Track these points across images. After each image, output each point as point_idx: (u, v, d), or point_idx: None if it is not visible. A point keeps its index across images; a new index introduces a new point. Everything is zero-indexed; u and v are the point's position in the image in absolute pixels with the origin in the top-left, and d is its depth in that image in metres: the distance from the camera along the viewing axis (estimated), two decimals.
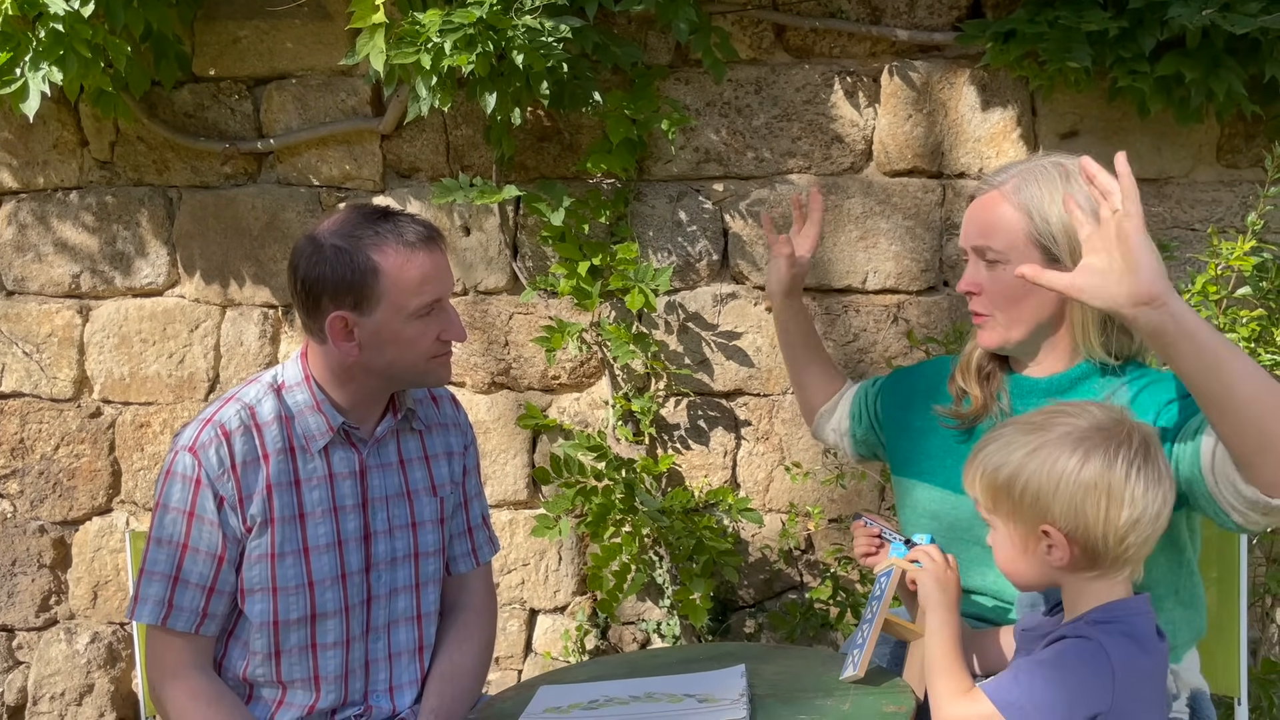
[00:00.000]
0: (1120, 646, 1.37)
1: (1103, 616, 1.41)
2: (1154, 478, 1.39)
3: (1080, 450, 1.39)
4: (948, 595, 1.51)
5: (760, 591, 3.04)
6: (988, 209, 1.69)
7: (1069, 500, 1.38)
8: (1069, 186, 1.64)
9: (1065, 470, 1.38)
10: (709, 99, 2.94)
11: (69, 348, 3.20)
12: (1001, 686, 1.41)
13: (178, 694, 1.71)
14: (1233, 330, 2.40)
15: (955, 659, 1.46)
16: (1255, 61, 2.56)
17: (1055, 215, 1.64)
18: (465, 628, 1.94)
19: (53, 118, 3.12)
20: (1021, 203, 1.66)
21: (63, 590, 3.26)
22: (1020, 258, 1.65)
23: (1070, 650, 1.39)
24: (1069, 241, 1.62)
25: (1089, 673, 1.36)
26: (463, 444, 1.97)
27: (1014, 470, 1.41)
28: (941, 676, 1.45)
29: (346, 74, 3.04)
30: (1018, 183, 1.68)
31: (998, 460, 1.43)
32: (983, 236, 1.69)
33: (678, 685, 1.58)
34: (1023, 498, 1.40)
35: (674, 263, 2.97)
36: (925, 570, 1.54)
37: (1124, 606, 1.42)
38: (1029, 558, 1.44)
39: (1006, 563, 1.47)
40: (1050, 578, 1.45)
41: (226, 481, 1.71)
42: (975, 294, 1.71)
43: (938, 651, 1.47)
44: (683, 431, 3.03)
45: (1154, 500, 1.39)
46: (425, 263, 1.71)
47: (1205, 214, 2.78)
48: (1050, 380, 1.71)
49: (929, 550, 1.57)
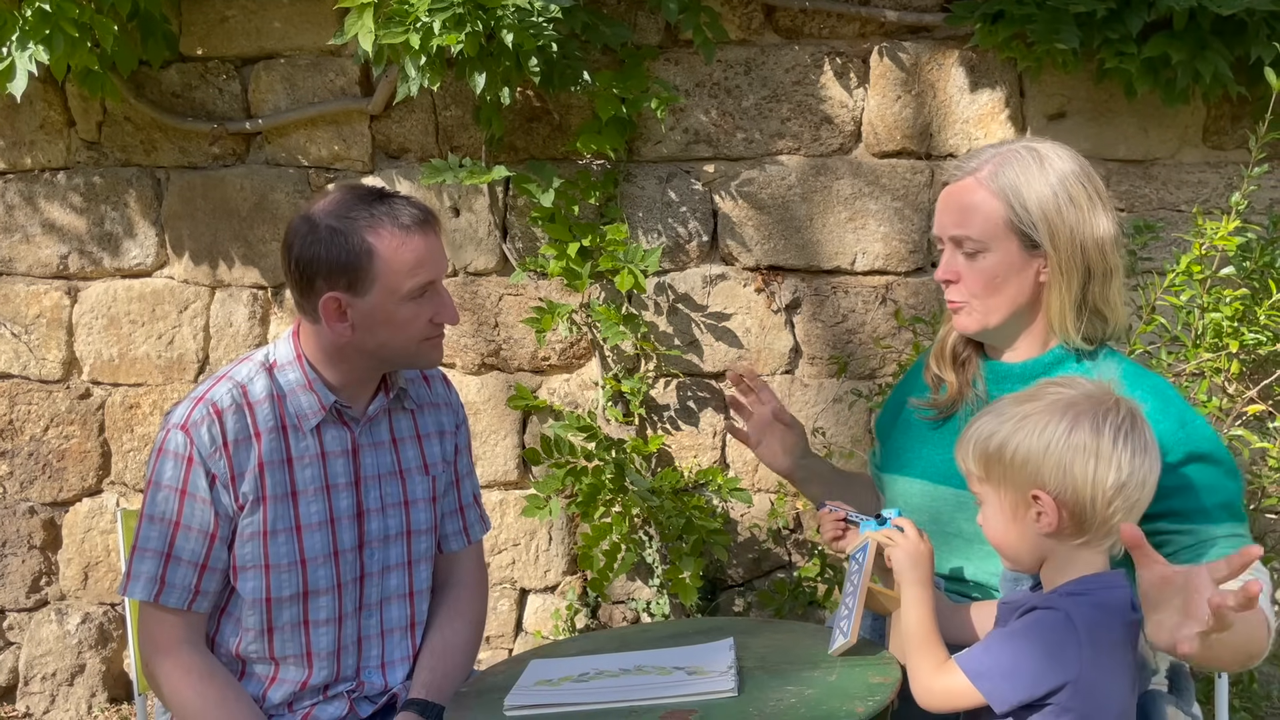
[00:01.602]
0: (1088, 617, 1.39)
1: (1075, 589, 1.44)
2: (1140, 446, 1.43)
3: (1069, 415, 1.43)
4: (920, 569, 1.53)
5: (749, 570, 3.06)
6: (963, 196, 1.68)
7: (1058, 462, 1.41)
8: (1044, 173, 1.64)
9: (1055, 434, 1.42)
10: (698, 79, 2.94)
11: (58, 329, 3.19)
12: (972, 657, 1.44)
13: (170, 670, 1.72)
14: (1216, 310, 2.42)
15: (931, 633, 1.48)
16: (1241, 43, 2.58)
17: (1033, 201, 1.63)
18: (457, 604, 1.95)
19: (39, 98, 3.11)
20: (999, 189, 1.64)
21: (53, 571, 3.26)
22: (999, 245, 1.65)
23: (1038, 621, 1.42)
24: (1048, 227, 1.63)
25: (1056, 642, 1.39)
26: (454, 423, 1.98)
27: (1005, 436, 1.44)
28: (918, 650, 1.48)
29: (335, 54, 3.03)
30: (993, 169, 1.66)
31: (990, 429, 1.47)
32: (960, 226, 1.67)
33: (667, 658, 1.59)
34: (1013, 462, 1.43)
35: (663, 244, 2.97)
36: (898, 545, 1.56)
37: (1097, 580, 1.44)
38: (1019, 527, 1.46)
39: (996, 535, 1.49)
40: (1038, 548, 1.47)
41: (218, 459, 1.71)
42: (953, 282, 1.70)
43: (914, 626, 1.49)
44: (672, 412, 3.04)
45: (1140, 466, 1.42)
46: (420, 246, 1.71)
47: (1191, 195, 2.80)
48: (1025, 365, 1.72)
49: (902, 524, 1.59)
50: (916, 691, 1.47)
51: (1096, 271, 1.66)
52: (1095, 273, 1.66)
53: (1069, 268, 1.64)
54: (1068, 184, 1.64)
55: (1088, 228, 1.63)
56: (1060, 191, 1.63)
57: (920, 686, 1.47)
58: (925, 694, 1.46)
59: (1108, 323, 1.69)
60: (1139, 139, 2.81)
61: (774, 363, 2.99)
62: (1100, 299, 1.67)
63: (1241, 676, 2.62)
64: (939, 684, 1.45)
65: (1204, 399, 2.41)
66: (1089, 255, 1.64)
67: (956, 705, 1.45)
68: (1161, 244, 2.71)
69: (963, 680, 1.42)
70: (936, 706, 1.46)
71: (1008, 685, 1.39)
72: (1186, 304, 2.45)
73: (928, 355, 1.86)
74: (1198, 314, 2.46)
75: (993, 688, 1.40)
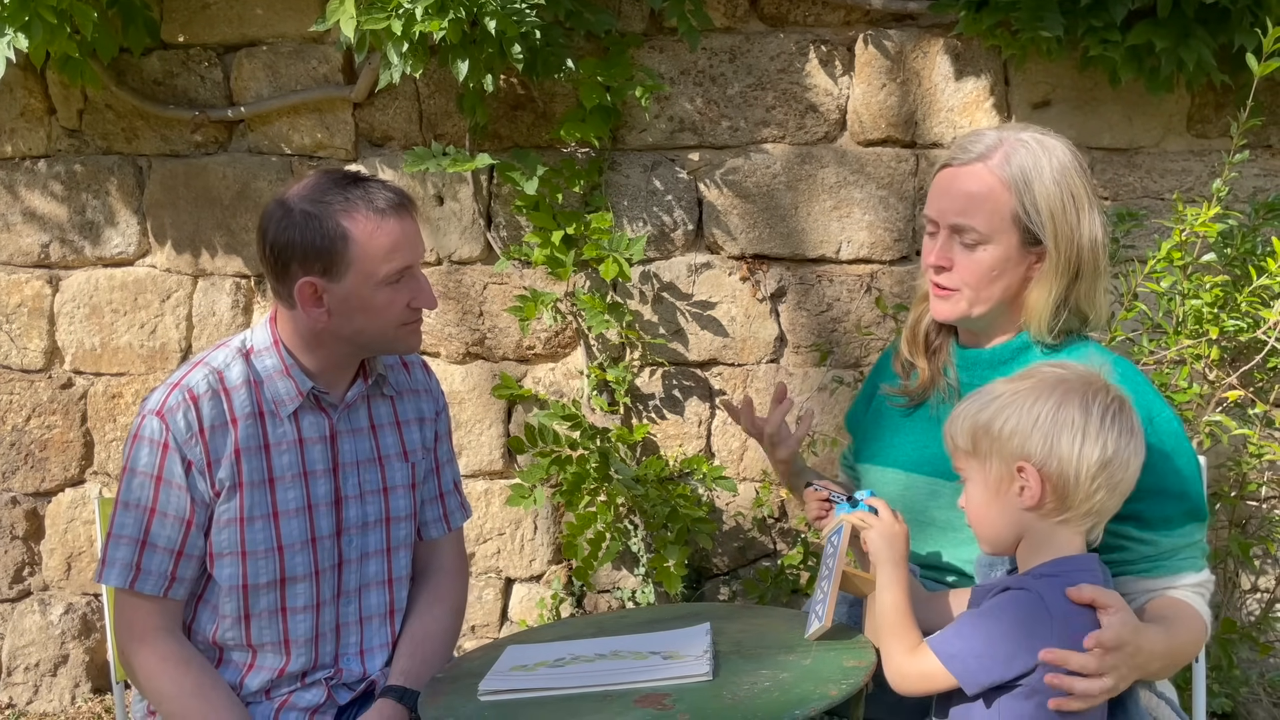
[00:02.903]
0: (1059, 598, 1.40)
1: (1049, 570, 1.45)
2: (1127, 429, 1.46)
3: (1059, 391, 1.46)
4: (895, 551, 1.53)
5: (734, 559, 3.06)
6: (970, 183, 1.63)
7: (1045, 435, 1.43)
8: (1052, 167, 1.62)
9: (1044, 408, 1.45)
10: (683, 67, 2.93)
11: (39, 318, 3.18)
12: (944, 639, 1.45)
13: (146, 657, 1.71)
14: (1197, 296, 2.42)
15: (904, 616, 1.49)
16: (1225, 31, 2.57)
17: (1042, 197, 1.61)
18: (436, 591, 1.95)
19: (19, 85, 3.09)
20: (1010, 180, 1.61)
21: (36, 562, 3.25)
22: (1001, 239, 1.63)
23: (1010, 601, 1.43)
24: (1053, 225, 1.62)
25: (1028, 623, 1.39)
26: (434, 410, 1.97)
27: (996, 410, 1.47)
28: (891, 634, 1.48)
29: (318, 41, 3.02)
30: (1003, 158, 1.62)
31: (981, 404, 1.50)
32: (963, 215, 1.63)
33: (643, 643, 1.59)
34: (1001, 434, 1.46)
35: (648, 232, 2.97)
36: (872, 527, 1.56)
37: (1071, 562, 1.45)
38: (1000, 502, 1.47)
39: (977, 512, 1.50)
40: (1017, 524, 1.47)
41: (194, 445, 1.70)
42: (945, 269, 1.67)
43: (888, 609, 1.49)
44: (657, 401, 3.04)
45: (1125, 448, 1.45)
46: (395, 230, 1.71)
47: (1175, 183, 2.80)
48: (994, 351, 1.73)
49: (876, 504, 1.59)
50: (890, 675, 1.47)
51: (1086, 272, 1.66)
52: (1085, 273, 1.66)
53: (1063, 267, 1.64)
54: (1070, 180, 1.63)
55: (1085, 228, 1.63)
56: (1064, 188, 1.62)
57: (893, 670, 1.47)
58: (898, 677, 1.47)
59: (1087, 322, 1.70)
60: (1123, 127, 2.81)
61: (759, 351, 2.99)
62: (1085, 299, 1.67)
63: (1220, 661, 2.62)
64: (912, 667, 1.45)
65: (1184, 385, 2.41)
66: (1083, 256, 1.64)
67: (930, 688, 1.45)
68: (1145, 232, 2.71)
69: (935, 663, 1.43)
70: (910, 690, 1.46)
71: (978, 666, 1.40)
72: (1168, 291, 2.45)
73: (897, 342, 1.85)
74: (1179, 300, 2.46)
75: (963, 669, 1.41)
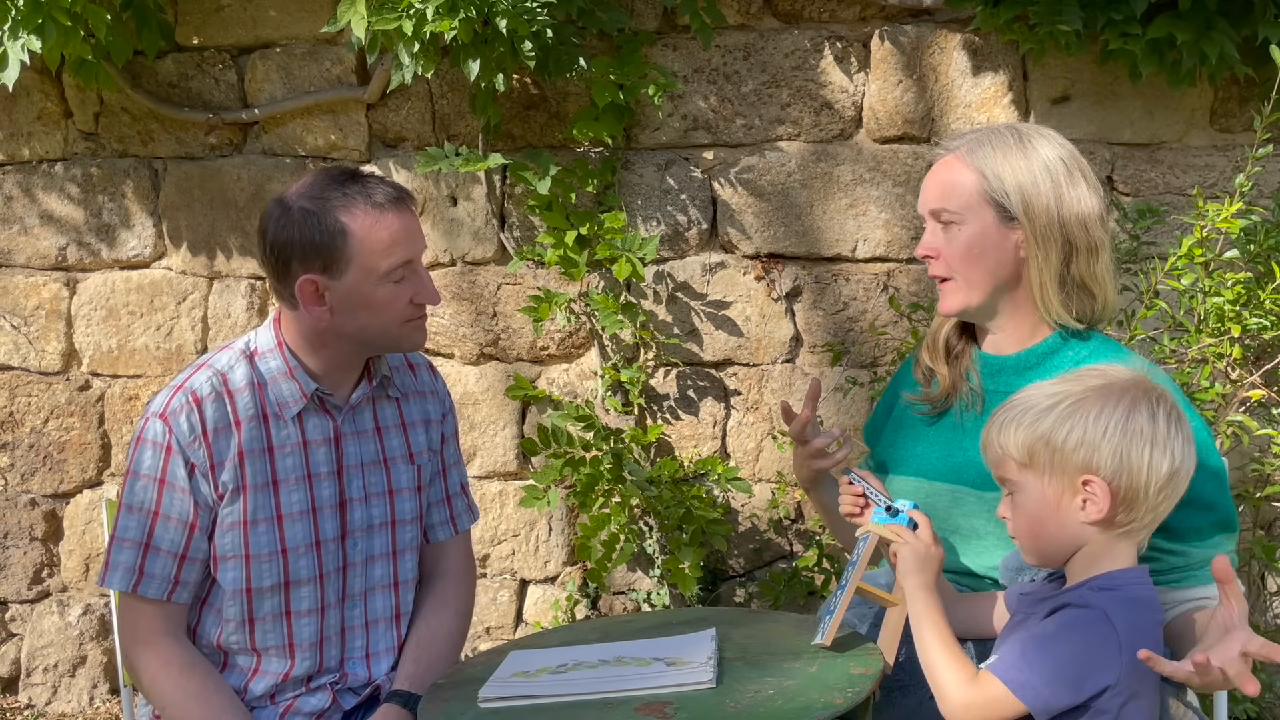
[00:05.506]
0: (1124, 614, 1.34)
1: (1105, 583, 1.38)
2: (1186, 436, 1.41)
3: (1125, 400, 1.39)
4: (926, 574, 1.47)
5: (750, 560, 3.04)
6: (942, 172, 1.71)
7: (1115, 447, 1.37)
8: (1022, 149, 1.66)
9: (1113, 419, 1.38)
10: (697, 65, 2.91)
11: (56, 320, 3.19)
12: (1010, 666, 1.37)
13: (150, 661, 1.70)
14: (1218, 294, 2.37)
15: (950, 644, 1.42)
16: (1248, 23, 2.52)
17: (1008, 172, 1.65)
18: (443, 594, 1.93)
19: (36, 89, 3.10)
20: (975, 164, 1.67)
21: (55, 563, 3.27)
22: (974, 216, 1.67)
23: (1074, 620, 1.36)
24: (1021, 196, 1.64)
25: (1096, 643, 1.33)
26: (440, 411, 1.96)
27: (1056, 421, 1.39)
28: (941, 665, 1.41)
29: (331, 42, 3.01)
30: (971, 145, 1.70)
31: (1035, 412, 1.41)
32: (939, 200, 1.70)
33: (647, 649, 1.57)
34: (1065, 446, 1.38)
35: (662, 232, 2.94)
36: (907, 543, 1.51)
37: (1125, 575, 1.39)
38: (1059, 516, 1.40)
39: (1030, 526, 1.42)
40: (1075, 538, 1.41)
41: (197, 448, 1.70)
42: (933, 258, 1.72)
43: (931, 640, 1.42)
44: (672, 401, 3.01)
45: (1188, 457, 1.40)
46: (394, 224, 1.69)
47: (1198, 178, 2.75)
48: (1019, 356, 1.71)
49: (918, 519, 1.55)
50: (951, 708, 1.39)
51: (1080, 245, 1.65)
52: (1078, 247, 1.65)
53: (1045, 239, 1.64)
54: (1047, 160, 1.66)
55: (1067, 200, 1.64)
56: (1038, 165, 1.65)
57: (956, 702, 1.39)
58: (962, 709, 1.38)
59: (1095, 300, 1.69)
60: (1144, 122, 2.76)
61: (774, 351, 2.96)
62: (1087, 274, 1.67)
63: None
64: (977, 696, 1.37)
65: (1206, 384, 2.36)
66: (1068, 228, 1.64)
67: (996, 718, 1.37)
68: (1166, 228, 2.66)
69: (1000, 690, 1.35)
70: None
71: (1050, 693, 1.33)
72: (1189, 288, 2.40)
73: (917, 352, 1.84)
74: (1200, 298, 2.41)
75: (1035, 697, 1.34)
